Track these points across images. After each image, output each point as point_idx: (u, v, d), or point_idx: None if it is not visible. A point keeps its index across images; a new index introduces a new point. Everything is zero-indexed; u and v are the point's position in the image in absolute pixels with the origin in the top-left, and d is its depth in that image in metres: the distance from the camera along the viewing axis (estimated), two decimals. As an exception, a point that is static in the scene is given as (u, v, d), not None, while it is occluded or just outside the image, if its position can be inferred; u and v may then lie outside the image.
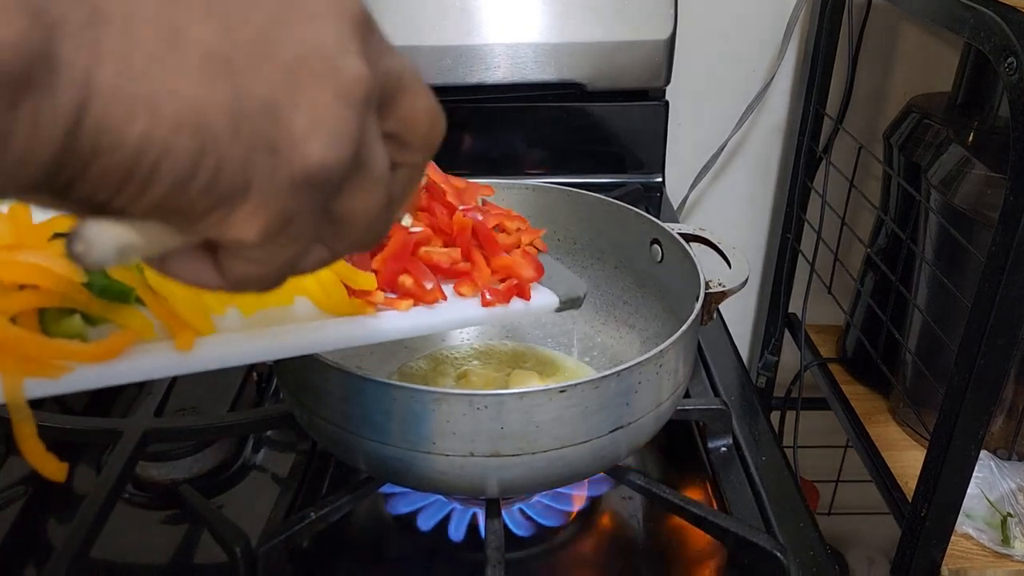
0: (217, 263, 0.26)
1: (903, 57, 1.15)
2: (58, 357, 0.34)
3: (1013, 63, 0.62)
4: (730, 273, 0.60)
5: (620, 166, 1.07)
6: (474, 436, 0.47)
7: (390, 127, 0.27)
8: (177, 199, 0.22)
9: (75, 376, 0.35)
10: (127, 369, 0.36)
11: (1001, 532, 0.86)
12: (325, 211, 0.26)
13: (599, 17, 0.97)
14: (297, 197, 0.24)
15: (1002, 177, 0.82)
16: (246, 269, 0.25)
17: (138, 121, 0.20)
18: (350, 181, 0.25)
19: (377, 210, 0.27)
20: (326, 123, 0.23)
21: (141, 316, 0.38)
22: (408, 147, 0.28)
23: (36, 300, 0.35)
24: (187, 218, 0.23)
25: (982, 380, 0.70)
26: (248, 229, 0.23)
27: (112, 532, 0.55)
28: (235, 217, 0.23)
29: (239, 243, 0.24)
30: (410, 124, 0.28)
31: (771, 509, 0.58)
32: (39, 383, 0.34)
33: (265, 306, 0.42)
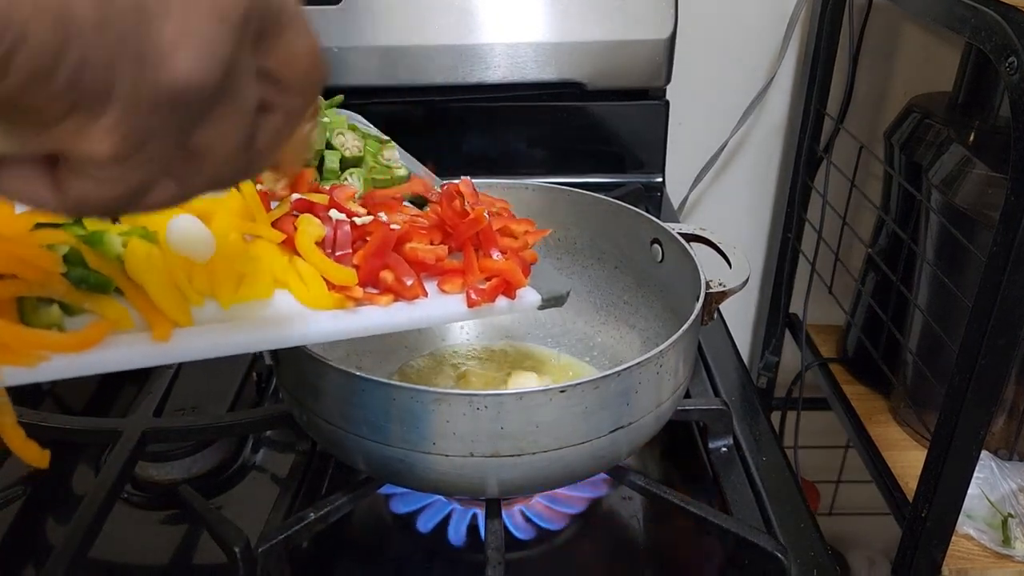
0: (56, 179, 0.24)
1: (904, 57, 1.15)
2: (35, 347, 0.34)
3: (1014, 63, 0.62)
4: (730, 273, 0.60)
5: (620, 166, 1.07)
6: (474, 436, 0.47)
7: (267, 63, 0.26)
8: (32, 94, 0.20)
9: (51, 365, 0.35)
10: (103, 359, 0.36)
11: (1002, 532, 0.86)
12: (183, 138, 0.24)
13: (599, 16, 0.97)
14: (157, 115, 0.22)
15: (1003, 177, 0.82)
16: (89, 189, 0.23)
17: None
18: (213, 109, 0.24)
19: (236, 146, 0.26)
20: (197, 37, 0.22)
21: (119, 306, 0.38)
22: (284, 88, 0.27)
23: (15, 289, 0.35)
24: (39, 121, 0.21)
25: (983, 380, 0.70)
26: (103, 143, 0.22)
27: (111, 532, 0.55)
28: (91, 129, 0.22)
29: (90, 157, 0.22)
30: (288, 62, 0.26)
31: (772, 509, 0.58)
32: (15, 371, 0.34)
33: (245, 299, 0.42)
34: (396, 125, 0.66)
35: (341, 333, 0.44)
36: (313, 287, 0.44)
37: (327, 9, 0.93)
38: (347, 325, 0.44)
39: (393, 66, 0.96)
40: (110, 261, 0.39)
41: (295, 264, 0.45)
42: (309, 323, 0.43)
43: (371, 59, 0.96)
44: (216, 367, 0.70)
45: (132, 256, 0.38)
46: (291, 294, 0.44)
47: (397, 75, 0.97)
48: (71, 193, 0.24)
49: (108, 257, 0.39)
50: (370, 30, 0.95)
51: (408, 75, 0.97)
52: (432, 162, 0.67)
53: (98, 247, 0.39)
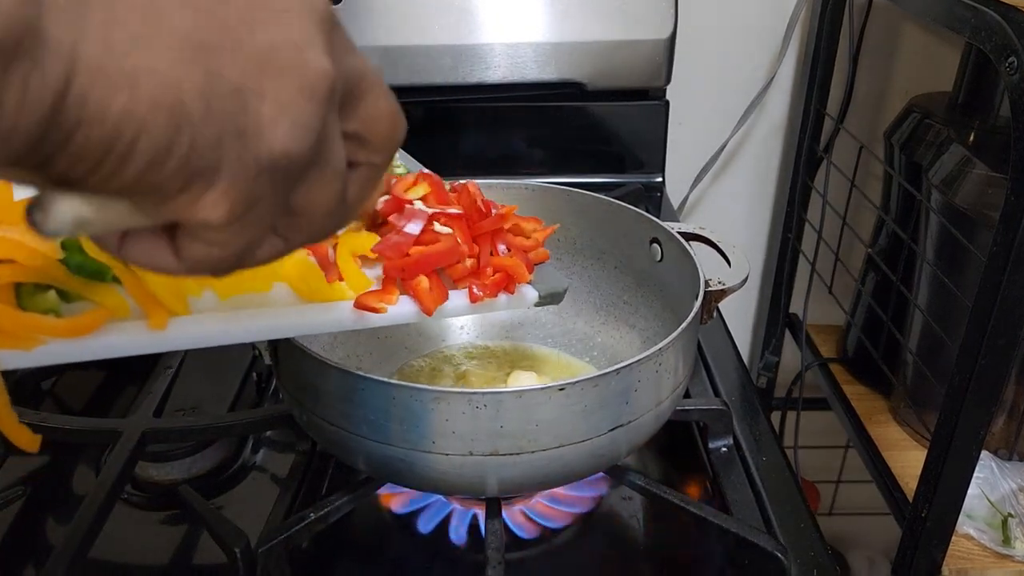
0: (174, 246, 0.26)
1: (904, 57, 1.15)
2: (32, 331, 0.35)
3: (1014, 62, 0.62)
4: (730, 272, 0.60)
5: (620, 166, 1.07)
6: (473, 435, 0.46)
7: (351, 127, 0.28)
8: (151, 177, 0.23)
9: (48, 350, 0.35)
10: (99, 345, 0.37)
11: (1002, 532, 0.86)
12: (285, 200, 0.27)
13: (599, 16, 0.97)
14: (260, 182, 0.25)
15: (1003, 177, 0.82)
16: (205, 252, 0.26)
17: (119, 96, 0.21)
18: (309, 172, 0.27)
19: (332, 204, 0.28)
20: (290, 113, 0.25)
21: (116, 294, 0.38)
22: (368, 147, 0.29)
23: (12, 275, 0.35)
24: (158, 197, 0.24)
25: (983, 380, 0.70)
26: (215, 211, 0.24)
27: (111, 533, 0.55)
28: (204, 199, 0.24)
29: (204, 224, 0.25)
30: (371, 124, 0.29)
31: (772, 509, 0.58)
32: (12, 355, 0.34)
33: (242, 291, 0.42)
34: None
35: (338, 325, 0.44)
36: (311, 279, 0.44)
37: (327, 9, 0.93)
38: (343, 317, 0.44)
39: (393, 66, 0.96)
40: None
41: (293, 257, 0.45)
42: (305, 314, 0.43)
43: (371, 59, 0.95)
44: (216, 367, 0.71)
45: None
46: (289, 287, 0.44)
47: (397, 75, 0.97)
48: (189, 256, 0.26)
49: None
50: (370, 30, 0.95)
51: (408, 75, 0.97)
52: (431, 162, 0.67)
53: None
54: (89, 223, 0.25)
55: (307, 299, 0.44)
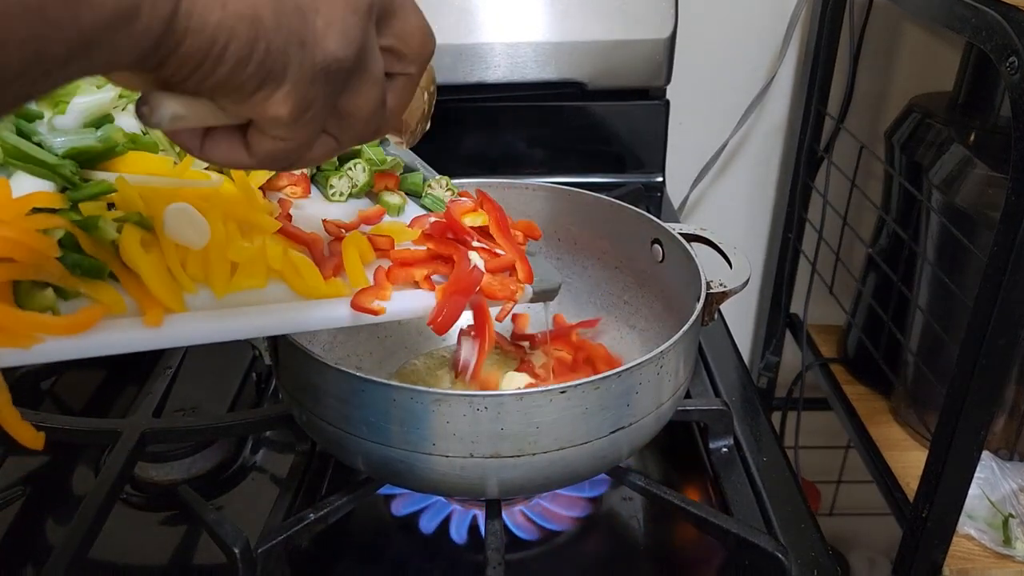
0: (246, 142, 0.32)
1: (904, 57, 1.15)
2: (30, 329, 0.35)
3: (1015, 62, 0.62)
4: (731, 273, 0.59)
5: (620, 166, 1.07)
6: (474, 437, 0.46)
7: (387, 42, 0.34)
8: (236, 78, 0.28)
9: (46, 347, 0.36)
10: (96, 342, 0.37)
11: (1003, 533, 0.86)
12: (335, 102, 0.32)
13: (599, 16, 0.97)
14: (316, 84, 0.31)
15: (1003, 177, 0.82)
16: (272, 146, 0.32)
17: (215, 11, 0.27)
18: (354, 78, 0.32)
19: (374, 107, 0.34)
20: (338, 25, 0.30)
21: (113, 291, 0.39)
22: (403, 59, 0.35)
23: (10, 273, 0.36)
24: (239, 96, 0.29)
25: (984, 380, 0.70)
26: (283, 107, 0.30)
27: (111, 533, 0.55)
28: (273, 98, 0.30)
29: (274, 120, 0.31)
30: (404, 39, 0.35)
31: (772, 510, 0.58)
32: (10, 352, 0.35)
33: (238, 288, 0.42)
34: (396, 125, 0.66)
35: (334, 321, 0.45)
36: (308, 276, 0.45)
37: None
38: (340, 314, 0.45)
39: (393, 66, 0.96)
40: (104, 246, 0.39)
41: (290, 255, 0.45)
42: (304, 311, 0.44)
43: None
44: (216, 368, 0.70)
45: (126, 241, 0.39)
46: (286, 284, 0.44)
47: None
48: (259, 150, 0.32)
49: (102, 242, 0.39)
50: (370, 30, 0.95)
51: (408, 75, 0.97)
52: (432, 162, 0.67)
53: (92, 232, 0.39)
54: (183, 118, 0.30)
55: (303, 296, 0.44)
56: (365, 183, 0.60)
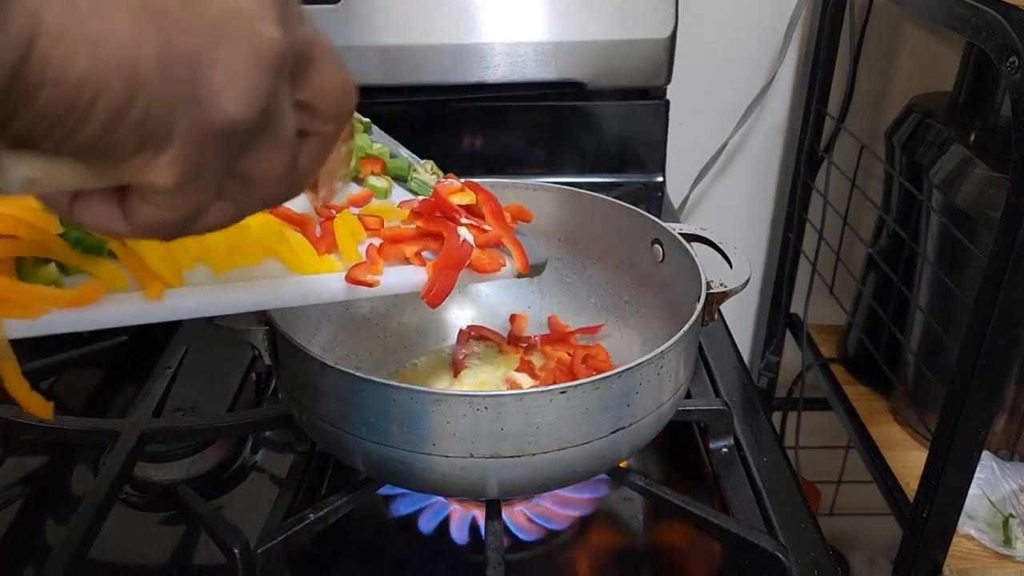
0: (123, 208, 0.27)
1: (905, 56, 1.15)
2: (37, 301, 0.36)
3: (1015, 62, 0.62)
4: (731, 273, 0.59)
5: (621, 166, 1.07)
6: (474, 437, 0.46)
7: (302, 96, 0.29)
8: (107, 138, 0.24)
9: (52, 319, 0.37)
10: (100, 315, 0.38)
11: (1003, 533, 0.86)
12: (232, 166, 0.27)
13: (599, 16, 0.96)
14: (209, 148, 0.26)
15: (1004, 177, 0.82)
16: (153, 215, 0.27)
17: (80, 59, 0.22)
18: (257, 139, 0.27)
19: (281, 171, 0.29)
20: (239, 81, 0.25)
21: (113, 267, 0.39)
22: (319, 116, 0.30)
23: (14, 249, 0.37)
24: (112, 159, 0.25)
25: (984, 380, 0.70)
26: (165, 174, 0.25)
27: (110, 533, 0.55)
28: (155, 163, 0.25)
29: (154, 188, 0.26)
30: (321, 94, 0.29)
31: (772, 510, 0.58)
32: (18, 324, 0.36)
33: (235, 265, 0.43)
34: (396, 125, 0.66)
35: (328, 296, 0.46)
36: (303, 255, 0.45)
37: (327, 9, 0.93)
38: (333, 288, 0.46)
39: (393, 66, 0.96)
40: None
41: (285, 233, 0.46)
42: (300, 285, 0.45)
43: (371, 59, 0.96)
44: (215, 368, 0.70)
45: None
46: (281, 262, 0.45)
47: (397, 75, 0.97)
48: (137, 219, 0.27)
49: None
50: (370, 30, 0.95)
51: (408, 75, 0.97)
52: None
53: None
54: (38, 182, 0.25)
55: (298, 272, 0.45)
56: (352, 168, 0.60)
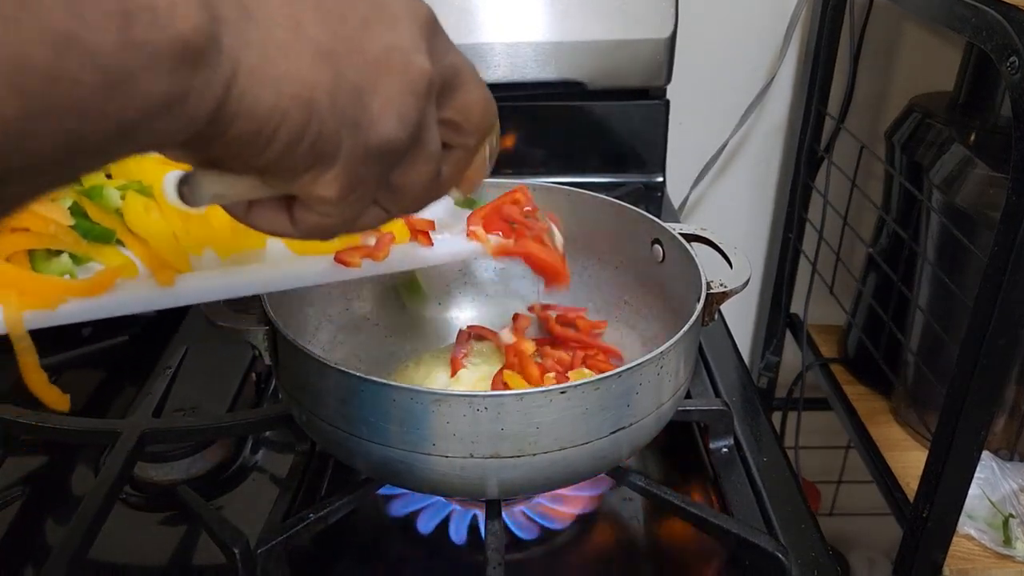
0: (291, 215, 0.32)
1: (905, 56, 1.15)
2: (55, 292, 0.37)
3: (1015, 62, 0.62)
4: (731, 273, 0.59)
5: (621, 165, 1.07)
6: (474, 437, 0.46)
7: (447, 115, 0.33)
8: (285, 159, 0.28)
9: (70, 308, 0.38)
10: (115, 302, 0.39)
11: (1003, 533, 0.86)
12: (386, 179, 0.32)
13: (600, 16, 0.96)
14: (368, 166, 0.30)
15: (1004, 177, 0.82)
16: (317, 221, 0.32)
17: (269, 95, 0.26)
18: (408, 156, 0.32)
19: (427, 182, 0.33)
20: (396, 108, 0.29)
21: (123, 255, 0.41)
22: (462, 132, 0.34)
23: (29, 242, 0.38)
24: (287, 176, 0.29)
25: (984, 380, 0.70)
26: (330, 188, 0.30)
27: (110, 533, 0.55)
28: (322, 179, 0.29)
29: (321, 200, 0.30)
30: (465, 112, 0.34)
31: (772, 510, 0.58)
32: (38, 315, 0.37)
33: (240, 249, 0.45)
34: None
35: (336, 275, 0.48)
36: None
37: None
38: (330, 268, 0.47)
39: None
40: (110, 213, 0.41)
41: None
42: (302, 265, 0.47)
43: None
44: (215, 368, 0.70)
45: (130, 209, 0.42)
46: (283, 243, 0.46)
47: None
48: (303, 225, 0.32)
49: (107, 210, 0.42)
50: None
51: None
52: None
53: (98, 200, 0.41)
54: (224, 197, 0.30)
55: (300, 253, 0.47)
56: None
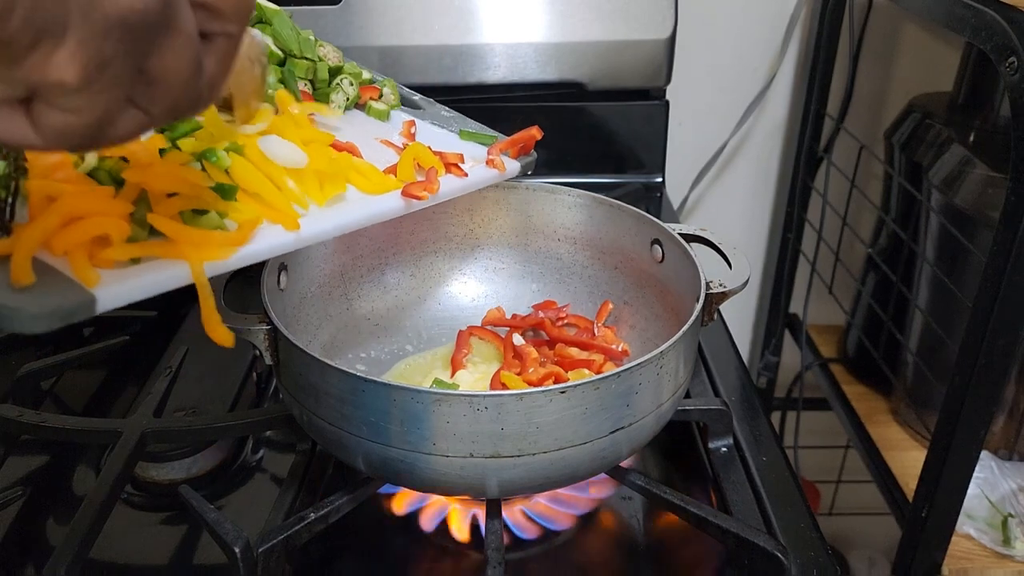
0: (32, 118, 0.27)
1: (904, 57, 1.15)
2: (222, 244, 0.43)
3: (1014, 62, 0.62)
4: (731, 273, 0.60)
5: (620, 166, 1.07)
6: (474, 437, 0.47)
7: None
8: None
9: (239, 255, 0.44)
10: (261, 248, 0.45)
11: (1002, 532, 0.86)
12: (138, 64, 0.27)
13: (599, 16, 0.97)
14: (111, 41, 0.26)
15: (1003, 177, 0.82)
16: (62, 120, 0.27)
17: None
18: (160, 35, 0.27)
19: (189, 70, 0.29)
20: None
21: (253, 208, 0.46)
22: (219, 16, 0.30)
23: (182, 204, 0.43)
24: (9, 56, 0.25)
25: (983, 380, 0.70)
26: (68, 69, 0.25)
27: (111, 533, 0.55)
28: (55, 57, 0.25)
29: (59, 85, 0.26)
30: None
31: (772, 510, 0.58)
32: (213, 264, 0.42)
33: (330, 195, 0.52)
34: (396, 125, 0.66)
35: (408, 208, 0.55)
36: (372, 177, 0.55)
37: (327, 9, 0.93)
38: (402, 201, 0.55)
39: (393, 66, 0.96)
40: (220, 173, 0.46)
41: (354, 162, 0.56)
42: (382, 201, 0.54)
43: (371, 59, 0.96)
44: (216, 368, 0.71)
45: (240, 167, 0.46)
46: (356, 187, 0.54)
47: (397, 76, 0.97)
48: (47, 126, 0.27)
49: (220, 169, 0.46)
50: (370, 30, 0.95)
51: (408, 75, 0.97)
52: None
53: (213, 161, 0.45)
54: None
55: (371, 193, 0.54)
56: (355, 95, 0.67)
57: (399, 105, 0.71)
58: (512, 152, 0.66)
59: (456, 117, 0.72)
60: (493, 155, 0.64)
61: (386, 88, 0.70)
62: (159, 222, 0.41)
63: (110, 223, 0.40)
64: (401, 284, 0.72)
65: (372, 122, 0.67)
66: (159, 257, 0.41)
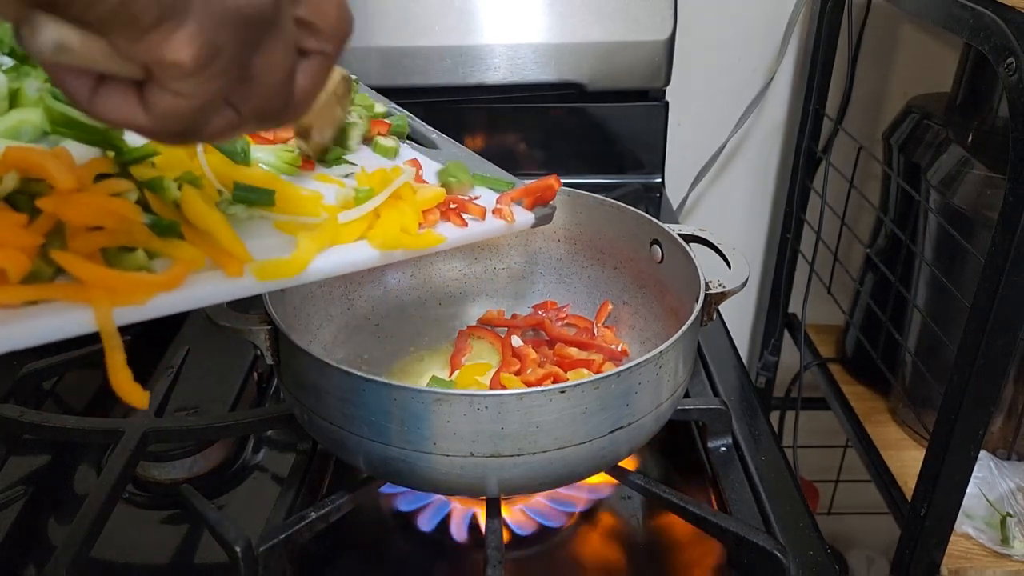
0: (143, 99, 0.28)
1: (903, 57, 1.15)
2: (141, 288, 0.37)
3: (1012, 63, 0.62)
4: (730, 274, 0.60)
5: (620, 166, 1.07)
6: (474, 436, 0.47)
7: (301, 12, 0.31)
8: (128, 6, 0.25)
9: (157, 303, 0.37)
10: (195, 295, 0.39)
11: (1000, 532, 0.86)
12: (244, 59, 0.29)
13: (599, 17, 0.97)
14: (225, 31, 0.27)
15: (1001, 177, 0.82)
16: (172, 103, 0.28)
17: None
18: (268, 35, 0.29)
19: (283, 75, 0.30)
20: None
21: (191, 248, 0.40)
22: (317, 34, 0.31)
23: (105, 240, 0.37)
24: (133, 30, 0.26)
25: (981, 380, 0.70)
26: (185, 50, 0.26)
27: (113, 532, 0.55)
28: (174, 38, 0.26)
29: (175, 65, 0.27)
30: (319, 10, 0.31)
31: (771, 509, 0.58)
32: (129, 311, 0.36)
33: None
34: (396, 126, 0.66)
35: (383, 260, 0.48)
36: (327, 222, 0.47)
37: (327, 10, 0.94)
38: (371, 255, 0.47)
39: (393, 67, 0.97)
40: (169, 206, 0.41)
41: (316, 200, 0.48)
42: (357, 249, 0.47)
43: (371, 60, 0.96)
44: (218, 367, 0.71)
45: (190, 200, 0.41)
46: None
47: (398, 76, 0.98)
48: (157, 107, 0.28)
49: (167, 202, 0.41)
50: (370, 31, 0.95)
51: (409, 76, 0.97)
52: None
53: (159, 193, 0.40)
54: (69, 50, 0.26)
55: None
56: (366, 130, 0.62)
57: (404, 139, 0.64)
58: (527, 202, 0.57)
59: (469, 157, 0.64)
60: (503, 203, 0.56)
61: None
62: (65, 259, 0.35)
63: (8, 257, 0.34)
64: (401, 284, 0.72)
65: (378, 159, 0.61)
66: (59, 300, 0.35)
